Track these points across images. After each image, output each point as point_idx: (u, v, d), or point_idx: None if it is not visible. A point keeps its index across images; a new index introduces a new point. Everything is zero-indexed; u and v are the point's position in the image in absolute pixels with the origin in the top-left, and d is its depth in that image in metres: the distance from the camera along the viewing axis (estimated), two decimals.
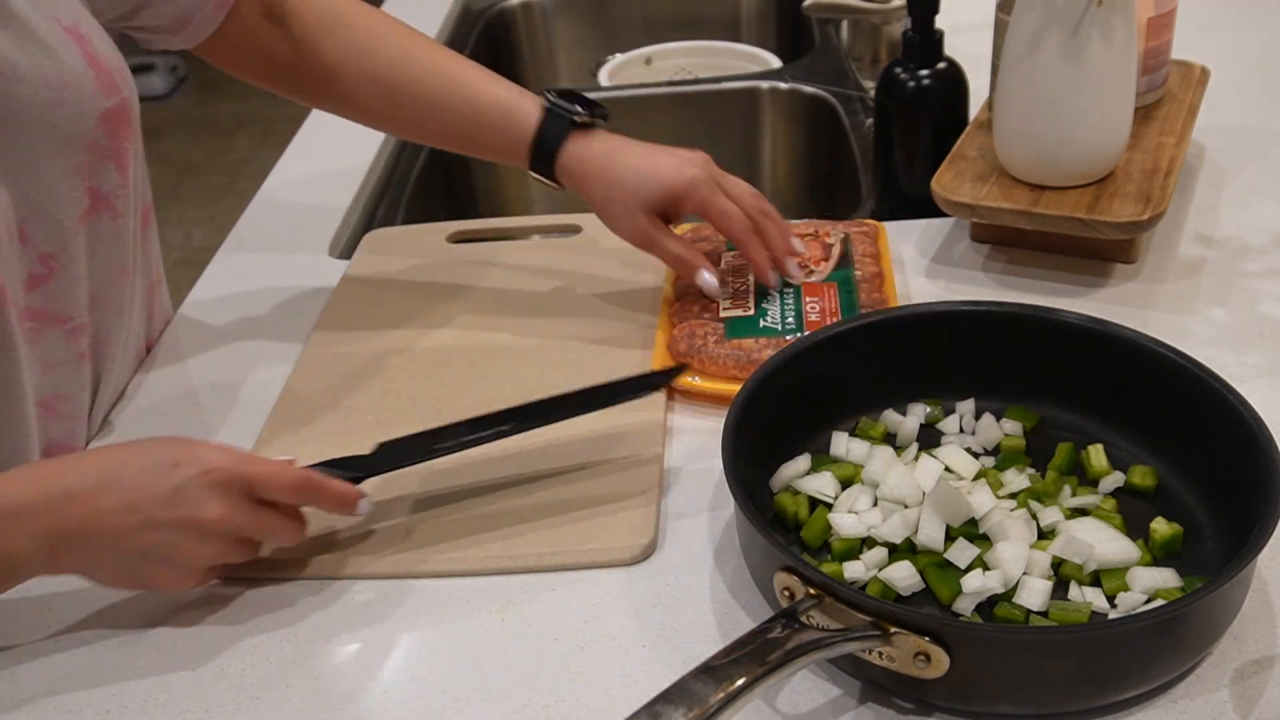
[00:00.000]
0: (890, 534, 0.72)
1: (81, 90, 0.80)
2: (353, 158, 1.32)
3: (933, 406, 0.83)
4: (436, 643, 0.72)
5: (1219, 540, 0.71)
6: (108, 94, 0.82)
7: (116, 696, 0.70)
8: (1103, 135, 0.95)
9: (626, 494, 0.79)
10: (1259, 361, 0.87)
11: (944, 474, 0.76)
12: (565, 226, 1.13)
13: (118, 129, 0.83)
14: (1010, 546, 0.70)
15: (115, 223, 0.86)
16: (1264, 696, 0.64)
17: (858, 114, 1.34)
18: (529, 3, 1.83)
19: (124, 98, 0.84)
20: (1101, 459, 0.78)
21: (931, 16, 1.05)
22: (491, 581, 0.75)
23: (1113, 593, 0.69)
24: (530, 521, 0.78)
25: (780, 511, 0.77)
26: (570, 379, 0.91)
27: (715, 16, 1.84)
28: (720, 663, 0.59)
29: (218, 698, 0.69)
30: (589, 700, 0.67)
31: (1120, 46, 0.92)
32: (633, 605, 0.73)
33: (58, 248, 0.82)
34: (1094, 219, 0.93)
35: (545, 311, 1.00)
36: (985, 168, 1.01)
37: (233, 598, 0.76)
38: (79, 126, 0.80)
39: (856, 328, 0.83)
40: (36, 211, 0.80)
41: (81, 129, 0.80)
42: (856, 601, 0.62)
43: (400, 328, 1.00)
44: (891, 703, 0.65)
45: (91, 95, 0.81)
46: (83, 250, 0.84)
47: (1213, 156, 1.14)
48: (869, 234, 1.02)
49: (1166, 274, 0.98)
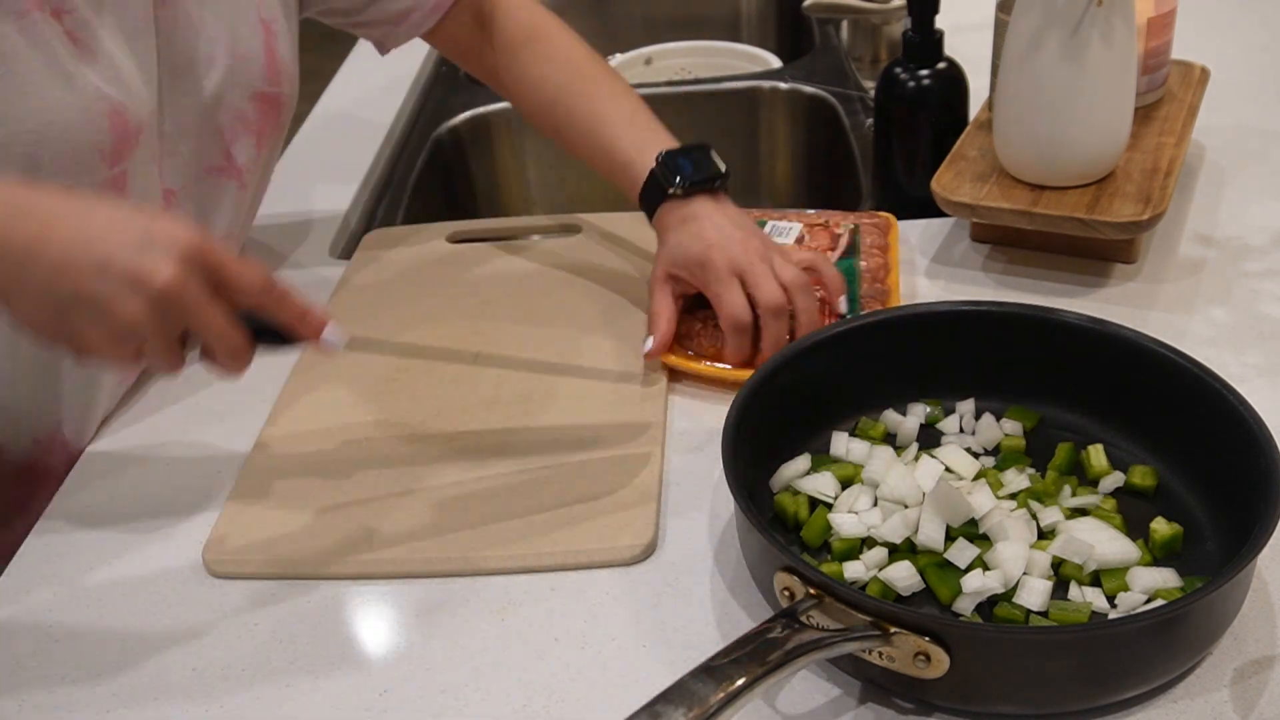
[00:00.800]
0: (890, 534, 0.72)
1: (251, 64, 0.93)
2: (353, 158, 1.32)
3: (933, 406, 0.83)
4: (436, 643, 0.72)
5: (1219, 540, 0.71)
6: (271, 81, 0.95)
7: (116, 696, 0.70)
8: (1103, 135, 0.95)
9: (626, 494, 0.79)
10: (1259, 361, 0.87)
11: (944, 474, 0.76)
12: (565, 227, 1.13)
13: (268, 112, 0.96)
14: (1010, 546, 0.70)
15: (239, 193, 0.97)
16: (1264, 696, 0.64)
17: (858, 114, 1.34)
18: None
19: (283, 91, 0.96)
20: (1101, 459, 0.78)
21: (931, 16, 1.05)
22: (491, 581, 0.75)
23: (1113, 593, 0.69)
24: (530, 522, 0.78)
25: (780, 511, 0.77)
26: (570, 379, 0.91)
27: (715, 16, 1.84)
28: (720, 663, 0.59)
29: (217, 698, 0.69)
30: (589, 700, 0.67)
31: (1120, 46, 0.92)
32: (633, 605, 0.73)
33: (179, 184, 0.92)
34: (1094, 219, 0.93)
35: (545, 312, 1.00)
36: (985, 168, 1.01)
37: (233, 598, 0.76)
38: (240, 91, 0.93)
39: (856, 328, 0.83)
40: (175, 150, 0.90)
41: (241, 95, 0.93)
42: (856, 601, 0.62)
43: (400, 328, 1.00)
44: (891, 703, 0.65)
45: (259, 72, 0.93)
46: (197, 201, 0.94)
47: (1213, 156, 1.14)
48: (880, 226, 1.02)
49: (1166, 274, 0.98)
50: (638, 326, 0.97)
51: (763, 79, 1.48)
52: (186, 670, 0.71)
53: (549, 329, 0.98)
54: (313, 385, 0.94)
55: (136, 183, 0.86)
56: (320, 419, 0.90)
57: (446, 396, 0.91)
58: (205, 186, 0.95)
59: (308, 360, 0.96)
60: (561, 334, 0.97)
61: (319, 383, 0.94)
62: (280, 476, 0.84)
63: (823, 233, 1.00)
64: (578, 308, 1.00)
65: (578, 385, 0.91)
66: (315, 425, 0.89)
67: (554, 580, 0.75)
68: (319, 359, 0.96)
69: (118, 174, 0.83)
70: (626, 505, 0.79)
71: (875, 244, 0.99)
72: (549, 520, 0.78)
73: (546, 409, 0.88)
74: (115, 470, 0.88)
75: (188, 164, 0.92)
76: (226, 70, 0.91)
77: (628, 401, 0.88)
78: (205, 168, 0.94)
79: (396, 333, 0.99)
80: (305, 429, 0.89)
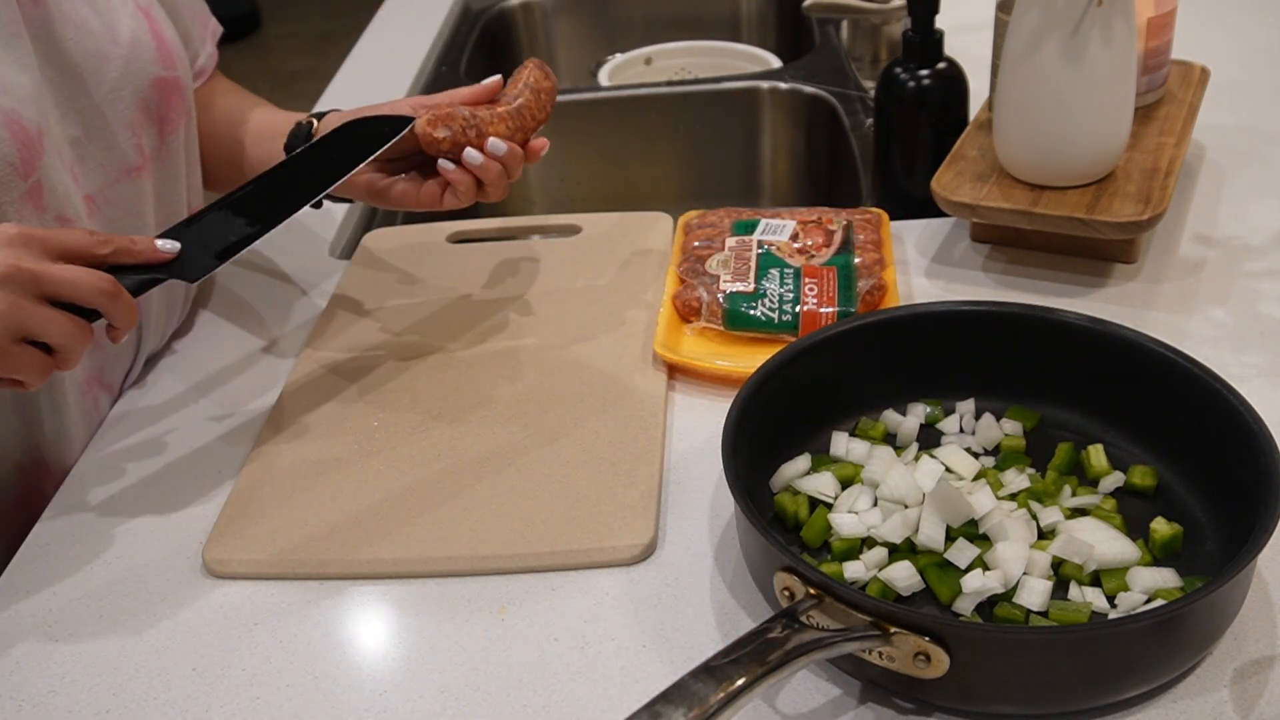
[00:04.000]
0: (890, 534, 0.72)
1: (142, 51, 0.92)
2: None
3: (933, 406, 0.83)
4: (436, 643, 0.72)
5: (1219, 540, 0.71)
6: (165, 65, 0.94)
7: (116, 696, 0.70)
8: (1103, 135, 0.95)
9: (626, 494, 0.79)
10: (1259, 361, 0.87)
11: (944, 474, 0.76)
12: (565, 227, 1.13)
13: (169, 97, 0.94)
14: (1010, 546, 0.70)
15: (169, 185, 0.97)
16: (1264, 696, 0.64)
17: (858, 114, 1.34)
18: (529, 3, 1.83)
19: (179, 75, 0.95)
20: (1101, 459, 0.78)
21: (931, 16, 1.05)
22: (491, 581, 0.75)
23: (1113, 593, 0.69)
24: (530, 521, 0.78)
25: (780, 511, 0.77)
26: (570, 379, 0.91)
27: (715, 16, 1.84)
28: (720, 663, 0.59)
29: (218, 698, 0.69)
30: (589, 700, 0.67)
31: (1120, 46, 0.92)
32: (633, 605, 0.73)
33: (96, 189, 0.90)
34: (1094, 219, 0.93)
35: (545, 311, 1.00)
36: (985, 168, 1.01)
37: (233, 597, 0.76)
38: (138, 81, 0.91)
39: (856, 328, 0.83)
40: (87, 154, 0.89)
41: (139, 85, 0.91)
42: (856, 601, 0.62)
43: (400, 328, 1.00)
44: (891, 703, 0.65)
45: (151, 59, 0.92)
46: (120, 204, 0.93)
47: (1213, 156, 1.14)
48: (872, 221, 1.03)
49: (1166, 274, 0.98)
50: (638, 327, 0.97)
51: (762, 79, 1.48)
52: (186, 670, 0.71)
53: (549, 329, 0.98)
54: (312, 386, 0.94)
55: (55, 192, 0.84)
56: (320, 419, 0.90)
57: (446, 396, 0.91)
58: (125, 188, 0.92)
59: (308, 361, 0.96)
60: (561, 334, 0.97)
61: (318, 383, 0.94)
62: (280, 477, 0.84)
63: (816, 230, 1.01)
64: (578, 308, 1.00)
65: (578, 385, 0.91)
66: (315, 425, 0.89)
67: (554, 580, 0.75)
68: (318, 360, 0.96)
69: (33, 185, 0.82)
70: (626, 505, 0.79)
71: (869, 239, 0.99)
72: (549, 520, 0.78)
73: (546, 409, 0.88)
74: (115, 470, 0.88)
75: (102, 167, 0.90)
76: (122, 62, 0.90)
77: (627, 401, 0.88)
78: (123, 169, 0.92)
79: (397, 333, 0.99)
80: (305, 429, 0.89)
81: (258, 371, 0.98)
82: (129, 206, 0.93)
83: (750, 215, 1.05)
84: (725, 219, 1.05)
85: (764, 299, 0.93)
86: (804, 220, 1.03)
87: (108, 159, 0.91)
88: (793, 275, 0.95)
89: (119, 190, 0.92)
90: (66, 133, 0.87)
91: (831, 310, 0.91)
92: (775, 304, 0.92)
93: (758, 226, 1.02)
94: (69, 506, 0.85)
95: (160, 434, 0.91)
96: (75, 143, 0.88)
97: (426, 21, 1.70)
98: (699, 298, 0.94)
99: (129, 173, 0.92)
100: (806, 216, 1.03)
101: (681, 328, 0.95)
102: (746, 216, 1.05)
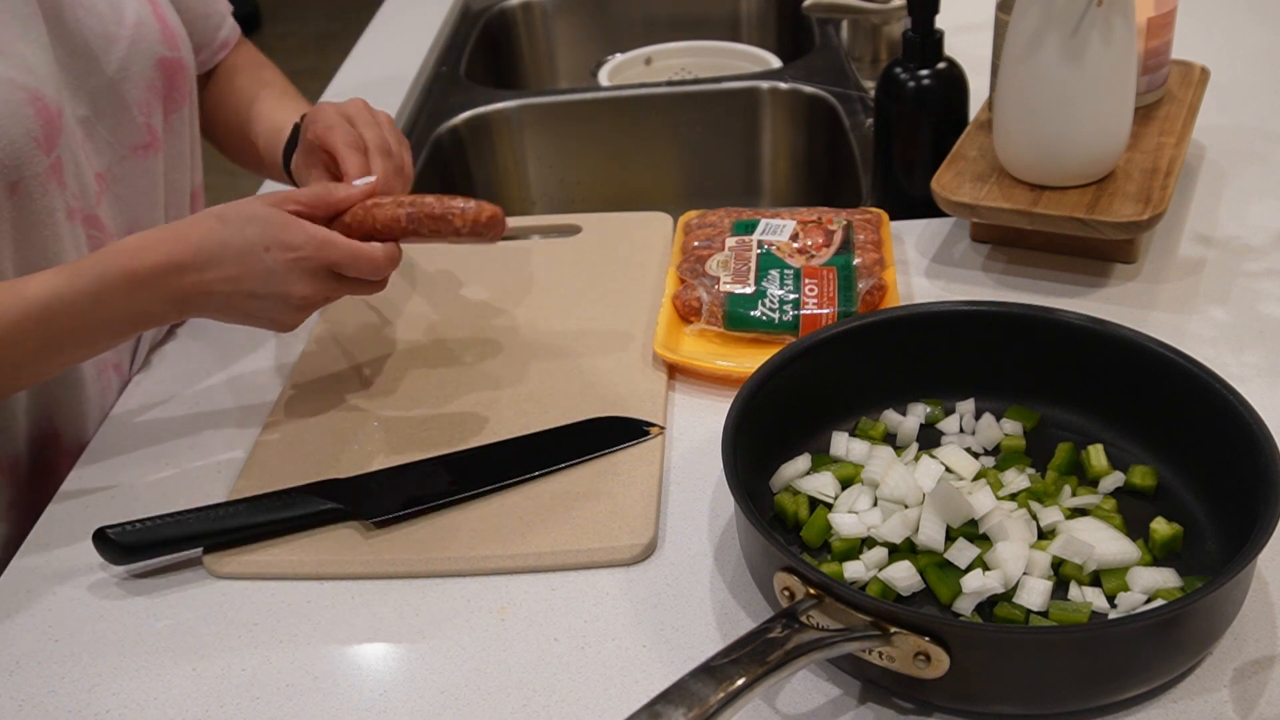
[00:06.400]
0: (890, 534, 0.72)
1: (146, 32, 0.95)
2: None
3: (933, 406, 0.83)
4: (436, 643, 0.72)
5: (1219, 540, 0.71)
6: (169, 46, 0.97)
7: (116, 696, 0.70)
8: (1103, 135, 0.95)
9: (626, 494, 0.79)
10: (1259, 361, 0.87)
11: (944, 474, 0.76)
12: (565, 226, 1.13)
13: (173, 78, 0.98)
14: (1010, 546, 0.70)
15: (175, 161, 1.00)
16: (1264, 696, 0.64)
17: (858, 114, 1.34)
18: (529, 3, 1.83)
19: (182, 56, 0.99)
20: (1101, 459, 0.78)
21: (931, 16, 1.05)
22: (491, 581, 0.75)
23: (1113, 593, 0.69)
24: (530, 521, 0.78)
25: (780, 511, 0.77)
26: (570, 379, 0.91)
27: (715, 16, 1.84)
28: (720, 663, 0.59)
29: (218, 698, 0.69)
30: (589, 700, 0.67)
31: (1120, 46, 0.92)
32: (633, 605, 0.73)
33: (105, 167, 0.94)
34: (1094, 219, 0.93)
35: (545, 312, 1.00)
36: (985, 168, 1.01)
37: (233, 598, 0.76)
38: (143, 61, 0.94)
39: (856, 328, 0.83)
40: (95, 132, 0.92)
41: (144, 65, 0.94)
42: (856, 601, 0.62)
43: (400, 327, 1.00)
44: (891, 703, 0.65)
45: (155, 40, 0.95)
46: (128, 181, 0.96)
47: (1213, 156, 1.14)
48: (872, 222, 1.03)
49: (1166, 274, 0.98)
50: (638, 327, 0.97)
51: (762, 79, 1.48)
52: (186, 670, 0.71)
53: (549, 329, 0.98)
54: (312, 385, 0.94)
55: (70, 169, 0.88)
56: (320, 418, 0.90)
57: (446, 396, 0.91)
58: (132, 165, 0.96)
59: (308, 361, 0.97)
60: (562, 334, 0.97)
61: (319, 383, 0.94)
62: (280, 476, 0.84)
63: (816, 230, 1.01)
64: (578, 308, 1.00)
65: (578, 385, 0.91)
66: (315, 425, 0.89)
67: (554, 580, 0.75)
68: (318, 360, 0.97)
69: (54, 161, 0.86)
70: (626, 505, 0.79)
71: (869, 239, 0.99)
72: (549, 520, 0.78)
73: (546, 409, 0.88)
74: (115, 469, 0.88)
75: (110, 145, 0.94)
76: (129, 42, 0.93)
77: (628, 401, 0.88)
78: (130, 146, 0.95)
79: (397, 331, 0.99)
80: (305, 428, 0.89)
81: (257, 372, 0.98)
82: (137, 184, 0.97)
83: (750, 215, 1.05)
84: (725, 219, 1.05)
85: (764, 300, 0.93)
86: (804, 220, 1.03)
87: (115, 138, 0.94)
88: (793, 276, 0.95)
89: (126, 168, 0.95)
90: (75, 112, 0.90)
91: (831, 311, 0.92)
92: (775, 305, 0.92)
93: (758, 226, 1.02)
94: (69, 504, 0.85)
95: (160, 433, 0.91)
96: (84, 121, 0.91)
97: (426, 21, 1.70)
98: (699, 298, 0.94)
99: (136, 150, 0.96)
100: (806, 216, 1.03)
101: (681, 328, 0.95)
102: (746, 216, 1.05)
